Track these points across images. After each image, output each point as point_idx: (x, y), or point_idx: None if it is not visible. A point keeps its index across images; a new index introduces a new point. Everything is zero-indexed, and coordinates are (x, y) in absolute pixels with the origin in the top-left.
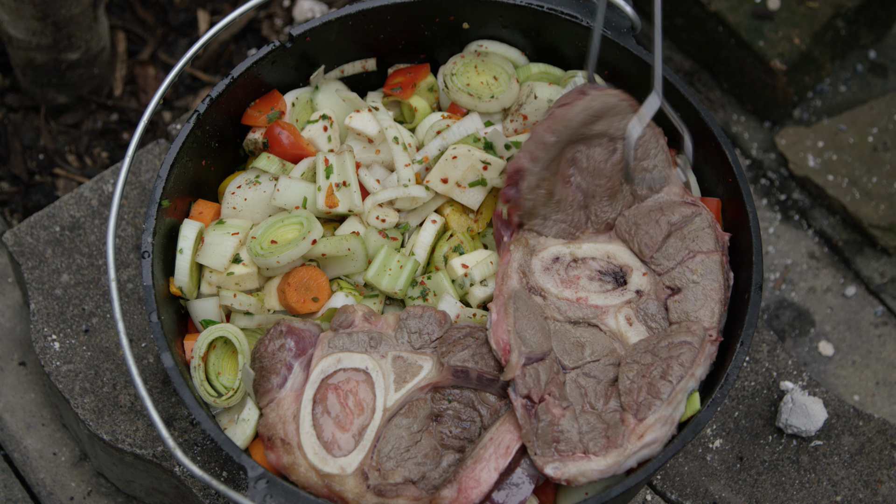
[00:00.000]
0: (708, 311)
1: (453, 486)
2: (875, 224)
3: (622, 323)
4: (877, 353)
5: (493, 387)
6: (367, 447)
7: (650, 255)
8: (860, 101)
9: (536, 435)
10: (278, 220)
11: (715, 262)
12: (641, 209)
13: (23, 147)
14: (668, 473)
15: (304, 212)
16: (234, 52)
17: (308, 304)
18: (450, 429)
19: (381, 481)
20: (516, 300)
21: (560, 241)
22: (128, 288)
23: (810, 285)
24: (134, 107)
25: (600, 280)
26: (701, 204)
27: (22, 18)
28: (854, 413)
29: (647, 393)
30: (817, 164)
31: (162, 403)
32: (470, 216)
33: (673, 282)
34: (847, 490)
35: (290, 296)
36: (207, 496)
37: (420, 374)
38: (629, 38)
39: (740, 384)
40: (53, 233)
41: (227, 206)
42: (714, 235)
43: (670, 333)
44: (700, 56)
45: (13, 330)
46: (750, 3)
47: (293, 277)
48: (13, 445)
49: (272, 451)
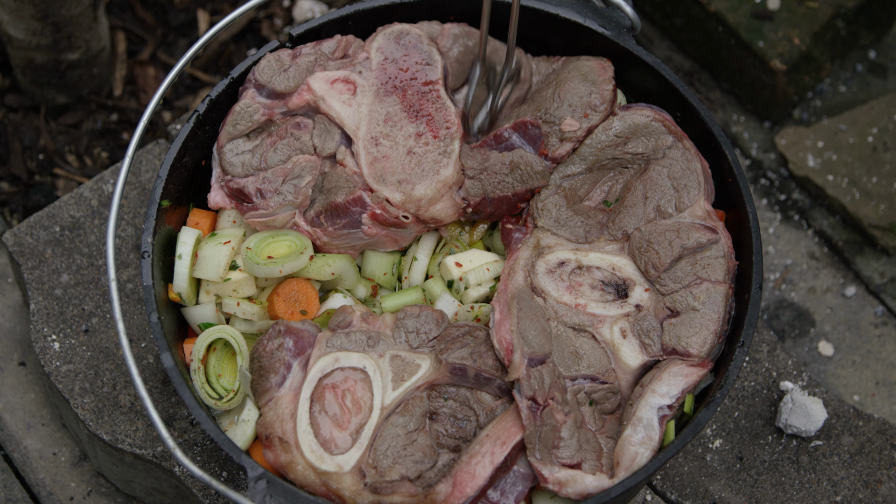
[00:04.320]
0: (700, 339)
1: (448, 481)
2: (875, 224)
3: (616, 335)
4: (877, 353)
5: (491, 386)
6: (364, 445)
7: (657, 274)
8: (860, 101)
9: (539, 438)
10: (269, 234)
11: (720, 294)
12: (658, 227)
13: (23, 147)
14: (668, 473)
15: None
16: (234, 52)
17: (296, 316)
18: (446, 427)
19: (378, 479)
20: (520, 300)
21: (571, 243)
22: (128, 288)
23: (810, 285)
24: (134, 107)
25: (602, 290)
26: (721, 230)
27: (22, 18)
28: (854, 413)
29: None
30: (817, 164)
31: (162, 403)
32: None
33: (674, 304)
34: (847, 490)
35: (278, 306)
36: (207, 496)
37: (418, 373)
38: (629, 38)
39: (740, 384)
40: (53, 233)
41: (225, 219)
42: (726, 266)
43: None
44: (700, 56)
45: (13, 330)
46: (750, 3)
47: (283, 288)
48: (13, 445)
49: (270, 450)
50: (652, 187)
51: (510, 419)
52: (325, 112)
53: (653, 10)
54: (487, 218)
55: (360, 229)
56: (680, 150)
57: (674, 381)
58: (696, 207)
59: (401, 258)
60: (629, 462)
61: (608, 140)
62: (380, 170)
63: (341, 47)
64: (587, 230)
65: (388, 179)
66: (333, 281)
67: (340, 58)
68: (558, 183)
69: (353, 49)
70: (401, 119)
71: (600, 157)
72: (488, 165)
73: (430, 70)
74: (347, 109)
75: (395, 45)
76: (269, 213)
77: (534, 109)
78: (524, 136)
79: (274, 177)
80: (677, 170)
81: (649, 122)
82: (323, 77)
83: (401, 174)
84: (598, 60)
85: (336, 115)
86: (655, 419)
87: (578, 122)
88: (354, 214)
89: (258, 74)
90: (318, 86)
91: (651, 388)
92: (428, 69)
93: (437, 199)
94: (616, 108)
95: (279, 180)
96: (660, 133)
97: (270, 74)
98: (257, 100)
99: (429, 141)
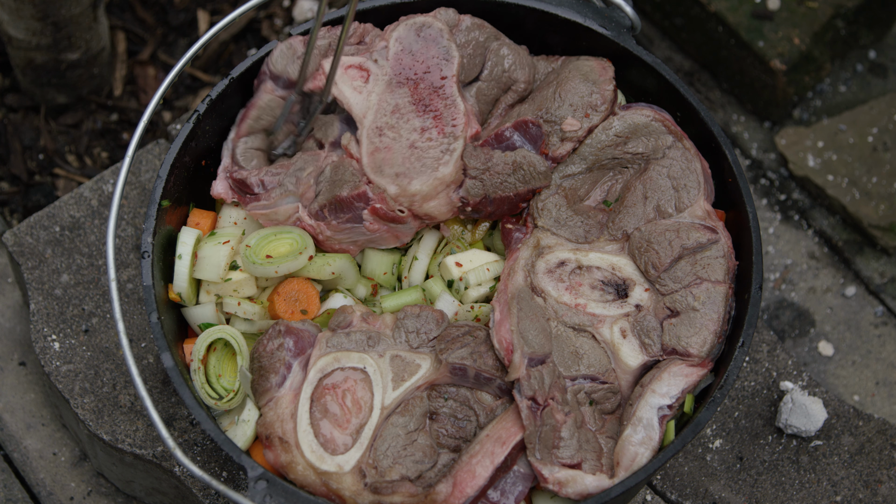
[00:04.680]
0: (700, 339)
1: (449, 481)
2: (875, 224)
3: (616, 335)
4: (877, 353)
5: (491, 386)
6: (364, 445)
7: (656, 274)
8: (860, 101)
9: (539, 438)
10: (271, 232)
11: (720, 294)
12: (658, 227)
13: (23, 147)
14: (668, 473)
15: (297, 229)
16: (234, 52)
17: (297, 316)
18: (446, 427)
19: (378, 479)
20: (520, 300)
21: (571, 243)
22: (128, 288)
23: (810, 285)
24: (134, 107)
25: (602, 290)
26: (721, 230)
27: (22, 18)
28: (854, 413)
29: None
30: (817, 164)
31: (162, 403)
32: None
33: (674, 304)
34: (847, 490)
35: (279, 306)
36: (207, 496)
37: (418, 373)
38: (629, 38)
39: (740, 384)
40: (53, 233)
41: (226, 219)
42: (726, 266)
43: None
44: (700, 56)
45: (13, 330)
46: (750, 3)
47: (283, 288)
48: (13, 445)
49: (270, 450)
50: (652, 187)
51: (510, 419)
52: (335, 96)
53: (653, 10)
54: (488, 217)
55: (362, 224)
56: (680, 150)
57: (674, 381)
58: (696, 207)
59: (401, 257)
60: (629, 462)
61: (608, 140)
62: (379, 160)
63: (357, 33)
64: (587, 230)
65: (386, 171)
66: (334, 280)
67: (357, 43)
68: (558, 183)
69: (371, 37)
70: (408, 112)
71: (600, 156)
72: (491, 165)
73: (447, 66)
74: (357, 96)
75: (414, 37)
76: (271, 205)
77: (534, 109)
78: (525, 136)
79: (277, 169)
80: (677, 170)
81: (649, 122)
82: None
83: (399, 167)
84: (599, 60)
85: (345, 100)
86: (655, 419)
87: (579, 121)
88: (357, 209)
89: (272, 65)
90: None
91: (651, 387)
92: (444, 64)
93: (431, 196)
94: (616, 107)
95: (282, 172)
96: (660, 133)
97: (284, 63)
98: (277, 93)
99: (433, 137)
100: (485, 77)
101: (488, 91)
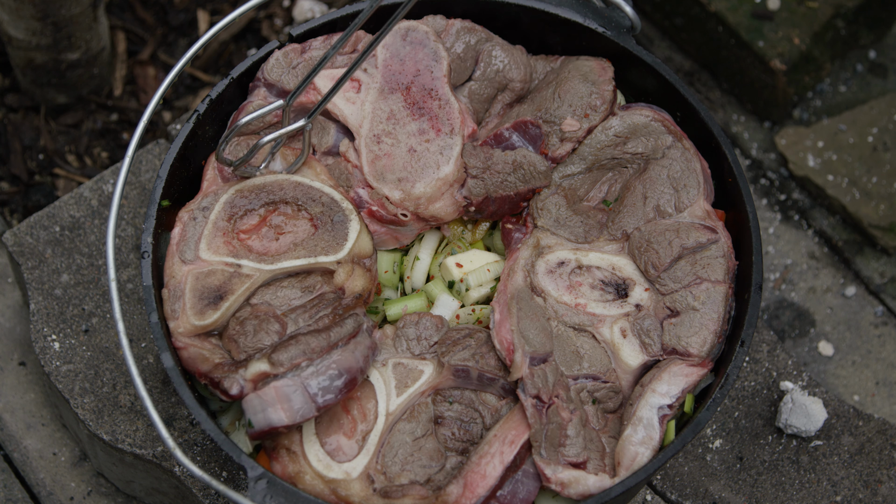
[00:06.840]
0: (700, 339)
1: (459, 482)
2: (875, 224)
3: (616, 334)
4: (877, 353)
5: (494, 386)
6: (370, 452)
7: (656, 274)
8: (860, 101)
9: (545, 436)
10: None
11: (720, 293)
12: (658, 227)
13: (23, 147)
14: (668, 473)
15: None
16: (234, 52)
17: None
18: (452, 430)
19: (388, 483)
20: (519, 300)
21: (571, 243)
22: (128, 288)
23: (810, 285)
24: (134, 107)
25: (602, 290)
26: (721, 230)
27: (22, 18)
28: (854, 413)
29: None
30: (817, 164)
31: (162, 403)
32: (468, 227)
33: (674, 304)
34: (847, 490)
35: None
36: (207, 496)
37: (421, 379)
38: (629, 38)
39: (740, 384)
40: (53, 233)
41: None
42: (726, 266)
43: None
44: (700, 56)
45: (13, 330)
46: (750, 3)
47: None
48: (13, 445)
49: (277, 462)
50: (651, 187)
51: (517, 418)
52: (328, 109)
53: (653, 10)
54: (489, 217)
55: None
56: (679, 150)
57: (674, 381)
58: (696, 207)
59: (402, 257)
60: (630, 462)
61: (608, 140)
62: (380, 168)
63: (351, 42)
64: (587, 230)
65: (388, 177)
66: None
67: (350, 52)
68: (558, 183)
69: (363, 44)
70: (404, 117)
71: (600, 156)
72: (491, 164)
73: (436, 66)
74: (351, 107)
75: (401, 42)
76: None
77: (534, 109)
78: (524, 136)
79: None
80: (677, 170)
81: (649, 122)
82: (328, 75)
83: (401, 172)
84: (598, 61)
85: (339, 112)
86: (656, 419)
87: (579, 122)
88: None
89: (267, 73)
90: (324, 84)
91: (651, 387)
92: (434, 65)
93: (436, 197)
94: (616, 108)
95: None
96: (659, 133)
97: (279, 73)
98: (269, 100)
99: (430, 138)
100: (477, 77)
101: (480, 90)
